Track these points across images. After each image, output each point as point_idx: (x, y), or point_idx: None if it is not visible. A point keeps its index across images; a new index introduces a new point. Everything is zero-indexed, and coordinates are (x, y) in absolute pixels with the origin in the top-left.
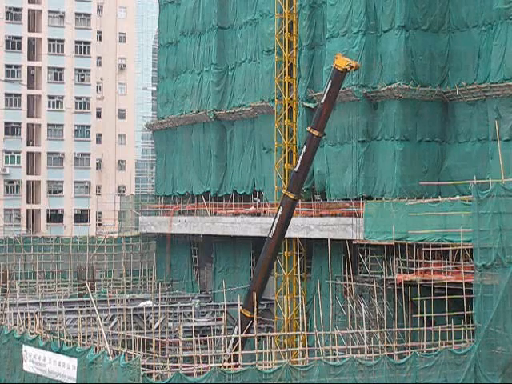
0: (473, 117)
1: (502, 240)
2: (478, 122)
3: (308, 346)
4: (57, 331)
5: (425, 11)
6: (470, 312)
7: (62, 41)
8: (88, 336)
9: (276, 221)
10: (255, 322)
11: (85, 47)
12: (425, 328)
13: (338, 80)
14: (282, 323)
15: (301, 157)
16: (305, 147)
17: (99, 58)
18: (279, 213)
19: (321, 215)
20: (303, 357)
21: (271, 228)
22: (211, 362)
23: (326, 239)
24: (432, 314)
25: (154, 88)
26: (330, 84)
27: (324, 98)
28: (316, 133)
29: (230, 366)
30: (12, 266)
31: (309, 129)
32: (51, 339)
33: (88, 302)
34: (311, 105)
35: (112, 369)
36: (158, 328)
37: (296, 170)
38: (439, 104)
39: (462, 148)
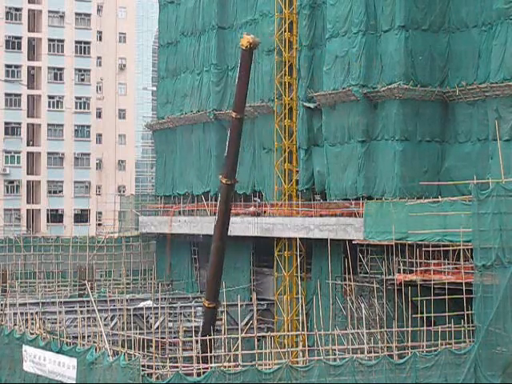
0: (473, 117)
1: (502, 240)
2: (478, 122)
3: (308, 346)
4: (57, 331)
5: (425, 11)
6: (470, 312)
7: (62, 41)
8: (88, 336)
9: (218, 208)
10: (255, 322)
11: (85, 47)
12: (425, 328)
13: (245, 59)
14: (282, 323)
15: (227, 141)
16: (229, 130)
17: (99, 58)
18: (219, 199)
19: (321, 215)
20: (303, 357)
21: (216, 216)
22: (211, 362)
23: (326, 239)
24: (432, 314)
25: (154, 88)
26: (239, 64)
27: (237, 79)
28: (234, 114)
29: (229, 366)
30: (12, 266)
31: (230, 111)
32: (51, 339)
33: (88, 301)
34: (311, 105)
35: (112, 369)
36: (158, 328)
37: (226, 154)
38: (439, 104)
39: (462, 148)
